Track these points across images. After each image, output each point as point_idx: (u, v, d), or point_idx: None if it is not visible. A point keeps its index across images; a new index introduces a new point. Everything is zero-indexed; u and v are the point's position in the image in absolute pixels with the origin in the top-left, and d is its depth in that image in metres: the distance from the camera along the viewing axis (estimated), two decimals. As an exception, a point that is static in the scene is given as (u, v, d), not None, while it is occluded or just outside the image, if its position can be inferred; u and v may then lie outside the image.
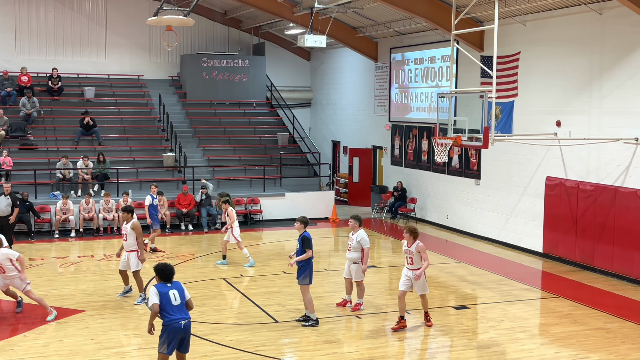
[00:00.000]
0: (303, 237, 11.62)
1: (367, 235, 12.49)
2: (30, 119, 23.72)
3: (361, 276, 12.58)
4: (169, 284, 8.57)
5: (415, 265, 11.55)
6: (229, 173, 23.98)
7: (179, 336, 8.43)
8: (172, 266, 8.77)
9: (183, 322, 8.44)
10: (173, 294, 8.46)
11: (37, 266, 16.06)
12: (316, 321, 11.73)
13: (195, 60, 27.57)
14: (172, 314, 8.38)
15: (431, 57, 22.14)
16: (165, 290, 8.46)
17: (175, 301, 8.45)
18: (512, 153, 18.40)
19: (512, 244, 18.70)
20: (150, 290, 8.51)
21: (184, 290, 8.64)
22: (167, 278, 8.60)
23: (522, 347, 10.92)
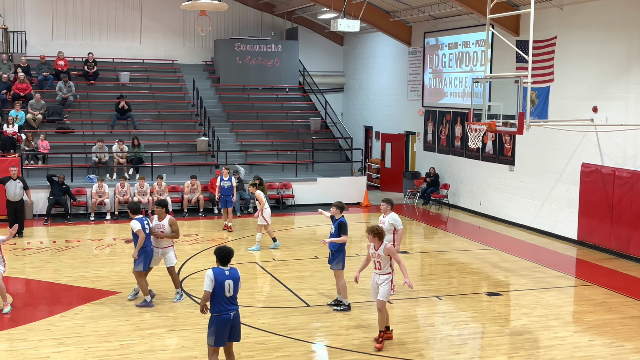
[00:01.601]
0: (340, 222, 11.62)
1: (399, 217, 12.44)
2: (67, 103, 24.06)
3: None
4: (227, 272, 8.31)
5: (384, 270, 10.08)
6: (262, 158, 24.08)
7: (227, 327, 8.31)
8: (230, 249, 8.50)
9: (232, 313, 8.31)
10: (228, 285, 8.24)
11: (74, 248, 16.33)
12: (348, 306, 11.76)
13: (229, 45, 27.65)
14: (222, 306, 8.23)
15: (465, 41, 21.92)
16: (221, 279, 8.22)
17: (228, 293, 8.27)
18: (548, 139, 18.17)
19: (546, 230, 18.52)
20: (207, 273, 8.26)
21: (239, 281, 8.42)
22: (224, 260, 8.36)
23: (555, 335, 10.84)
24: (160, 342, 10.26)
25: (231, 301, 8.31)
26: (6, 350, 9.84)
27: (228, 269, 8.37)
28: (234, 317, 8.35)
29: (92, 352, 9.81)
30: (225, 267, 8.36)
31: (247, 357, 9.68)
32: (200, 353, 9.80)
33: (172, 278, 12.38)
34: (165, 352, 9.84)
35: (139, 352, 9.82)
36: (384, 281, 10.07)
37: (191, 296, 12.50)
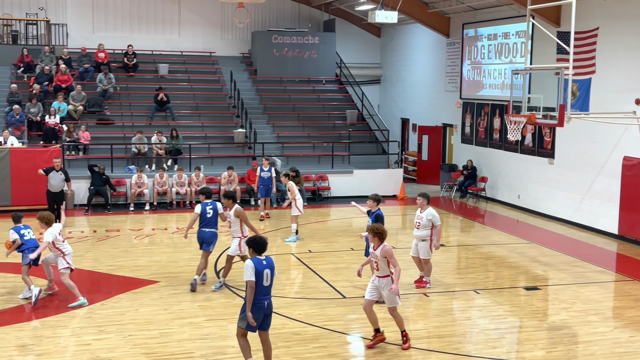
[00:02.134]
0: (377, 215, 11.61)
1: (437, 213, 12.37)
2: (107, 95, 24.40)
3: (429, 254, 12.51)
4: (264, 261, 8.38)
5: (382, 272, 9.60)
6: (298, 150, 24.14)
7: (261, 314, 8.42)
8: (265, 238, 8.61)
9: (266, 302, 8.41)
10: (266, 275, 8.33)
11: (114, 237, 16.59)
12: None
13: (266, 37, 27.73)
14: (259, 294, 8.30)
15: (505, 32, 21.66)
16: (261, 268, 8.28)
17: (267, 282, 8.35)
18: (588, 132, 17.89)
19: (586, 225, 18.25)
20: (246, 263, 8.33)
21: (274, 270, 8.48)
22: (259, 249, 8.41)
23: (594, 330, 10.70)
24: (198, 331, 10.38)
25: (268, 290, 8.41)
26: (49, 337, 10.06)
27: (264, 258, 8.43)
28: (268, 305, 8.46)
29: (131, 339, 9.97)
30: (262, 257, 8.43)
31: (284, 347, 9.74)
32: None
33: (225, 266, 12.61)
34: (204, 341, 9.96)
35: (178, 341, 9.95)
36: (385, 285, 9.58)
37: (229, 287, 12.61)
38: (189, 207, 20.47)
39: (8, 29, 26.27)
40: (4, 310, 11.24)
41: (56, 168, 17.77)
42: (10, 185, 19.17)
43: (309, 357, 9.46)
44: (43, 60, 24.63)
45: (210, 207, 12.57)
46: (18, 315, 11.05)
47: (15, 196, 19.15)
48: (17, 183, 19.03)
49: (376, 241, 9.58)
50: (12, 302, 11.67)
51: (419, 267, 12.87)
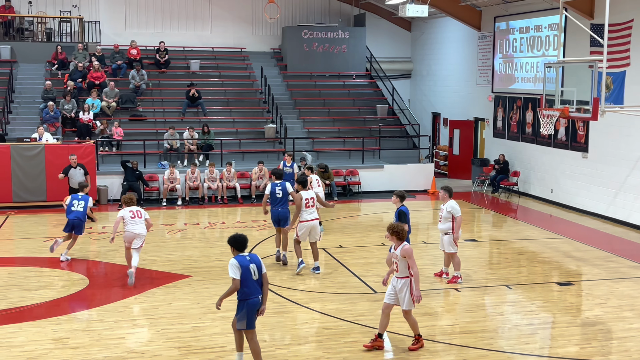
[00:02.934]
0: (400, 211, 11.59)
1: (457, 205, 12.36)
2: (139, 91, 24.65)
3: (453, 248, 12.47)
4: (248, 257, 8.48)
5: (401, 273, 9.38)
6: (328, 144, 24.15)
7: (256, 309, 8.48)
8: (244, 235, 8.62)
9: (260, 296, 8.50)
10: (253, 269, 8.41)
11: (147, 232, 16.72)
12: None
13: (296, 32, 27.76)
14: (250, 290, 8.39)
15: (537, 25, 21.40)
16: (246, 264, 8.39)
17: (254, 276, 8.43)
18: (623, 125, 17.62)
19: (620, 219, 18.00)
20: (230, 262, 8.42)
21: (261, 264, 8.56)
22: (240, 247, 8.52)
23: (629, 326, 10.56)
24: (230, 325, 10.43)
25: (258, 285, 8.47)
26: (83, 330, 10.22)
27: (248, 254, 8.53)
28: (261, 300, 8.55)
29: (164, 333, 10.09)
30: (245, 254, 8.52)
31: (316, 342, 9.78)
32: (270, 337, 9.97)
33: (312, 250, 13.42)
34: (235, 335, 10.02)
35: (210, 335, 10.05)
36: (402, 286, 9.36)
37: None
38: (220, 202, 20.62)
39: (42, 26, 26.68)
40: (41, 304, 11.45)
41: (73, 165, 17.92)
42: (46, 181, 19.48)
43: (340, 351, 9.48)
44: (76, 57, 24.96)
45: (280, 187, 13.57)
46: (54, 309, 11.24)
47: (50, 192, 19.46)
48: (52, 179, 19.32)
49: (395, 240, 9.41)
50: (48, 296, 11.87)
51: (446, 260, 12.87)
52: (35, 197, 19.54)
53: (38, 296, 11.84)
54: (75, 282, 12.75)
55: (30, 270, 13.44)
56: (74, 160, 17.98)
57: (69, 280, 12.89)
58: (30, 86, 24.34)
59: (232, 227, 17.57)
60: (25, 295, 11.89)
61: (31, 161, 19.46)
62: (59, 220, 17.96)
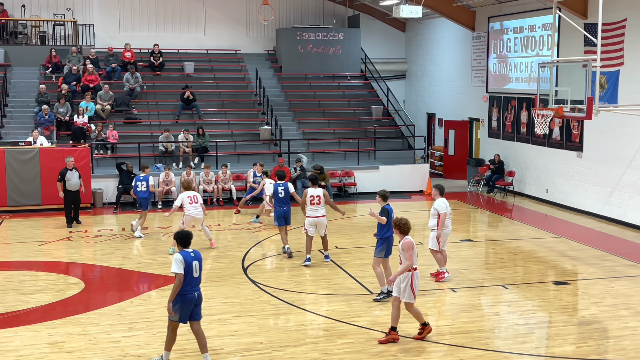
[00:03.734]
0: (383, 209, 11.64)
1: (443, 203, 12.52)
2: (134, 94, 24.62)
3: (435, 245, 12.62)
4: (192, 253, 8.75)
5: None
6: (324, 146, 24.15)
7: (192, 305, 8.75)
8: (189, 232, 8.94)
9: (196, 293, 8.77)
10: (195, 266, 8.69)
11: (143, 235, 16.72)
12: (387, 294, 11.53)
13: (291, 34, 27.77)
14: (189, 286, 8.64)
15: (531, 25, 21.45)
16: (190, 260, 8.66)
17: (196, 273, 8.71)
18: (617, 124, 17.66)
19: (615, 218, 18.03)
20: (175, 256, 8.67)
21: (202, 262, 8.88)
22: (184, 242, 8.78)
23: (625, 325, 10.58)
24: (226, 327, 10.45)
25: (197, 281, 8.78)
26: (79, 334, 10.19)
27: (192, 250, 8.79)
28: (198, 296, 8.83)
29: (160, 336, 10.05)
30: (189, 250, 8.78)
31: (312, 344, 9.77)
32: (266, 339, 9.96)
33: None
34: (232, 338, 10.03)
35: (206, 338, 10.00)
36: (404, 279, 9.65)
37: (256, 283, 12.68)
38: (216, 205, 20.60)
39: (36, 30, 26.64)
40: (36, 308, 11.42)
41: (69, 167, 17.84)
42: (40, 185, 19.43)
43: (336, 353, 9.48)
44: (71, 60, 24.92)
45: (282, 187, 14.54)
46: (49, 312, 11.21)
47: (45, 195, 19.41)
48: (46, 182, 19.27)
49: (398, 234, 9.92)
50: (43, 300, 11.84)
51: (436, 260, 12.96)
52: (30, 201, 19.49)
53: (33, 300, 11.81)
54: (71, 285, 12.73)
55: (25, 274, 13.40)
56: (70, 162, 17.95)
57: (65, 284, 12.86)
58: (24, 90, 24.29)
59: (228, 229, 17.56)
60: (21, 299, 11.85)
61: (26, 165, 19.41)
62: (55, 224, 17.95)
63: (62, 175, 17.68)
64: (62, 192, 17.63)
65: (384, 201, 11.86)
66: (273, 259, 14.67)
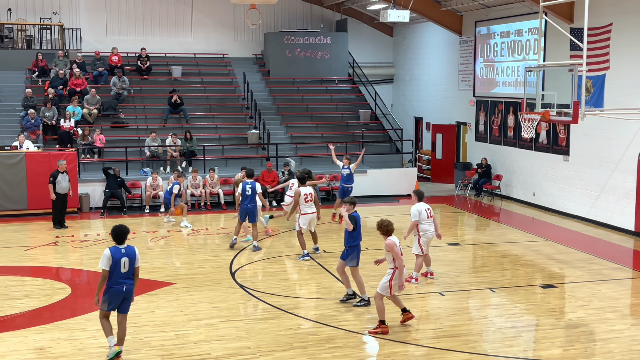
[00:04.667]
0: (350, 216, 11.47)
1: (417, 209, 12.64)
2: (121, 98, 24.52)
3: (417, 249, 12.74)
4: (123, 250, 9.13)
5: (389, 264, 10.32)
6: (312, 150, 24.15)
7: (120, 297, 9.14)
8: (125, 228, 9.27)
9: (125, 287, 9.13)
10: (123, 263, 9.08)
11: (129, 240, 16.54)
12: (368, 301, 11.52)
13: (278, 38, 27.77)
14: (116, 280, 9.08)
15: (518, 30, 21.56)
16: (117, 257, 9.05)
17: (124, 269, 9.11)
18: (603, 128, 17.78)
19: (602, 222, 18.14)
20: (104, 252, 9.05)
21: (135, 258, 9.21)
22: (119, 239, 9.16)
23: (612, 328, 10.64)
24: (214, 332, 10.42)
25: (126, 276, 9.14)
26: (66, 339, 10.13)
27: (125, 247, 9.17)
28: (127, 290, 9.18)
29: (148, 341, 10.03)
30: (122, 246, 9.17)
31: (300, 348, 9.76)
32: (254, 343, 9.93)
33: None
34: (220, 342, 9.99)
35: (194, 342, 9.99)
36: (387, 274, 10.24)
37: (244, 287, 12.66)
38: (204, 209, 20.55)
39: (22, 33, 26.48)
40: (22, 314, 11.34)
41: (60, 170, 17.81)
42: (27, 189, 19.31)
43: (324, 357, 9.47)
44: (57, 64, 24.80)
45: (250, 186, 15.20)
46: (36, 318, 11.14)
47: (32, 200, 19.29)
48: (33, 187, 19.17)
49: (382, 235, 10.34)
50: (29, 305, 11.76)
51: (426, 260, 13.08)
52: (16, 206, 19.35)
53: (19, 305, 11.72)
54: (57, 290, 12.65)
55: (11, 280, 13.31)
56: (63, 165, 17.91)
57: (51, 288, 12.78)
58: (10, 94, 24.13)
59: (216, 233, 17.52)
60: (7, 304, 11.76)
61: (12, 169, 19.29)
62: (42, 229, 17.85)
63: (53, 177, 17.71)
64: (53, 194, 17.63)
65: (352, 207, 11.65)
66: (261, 263, 14.64)
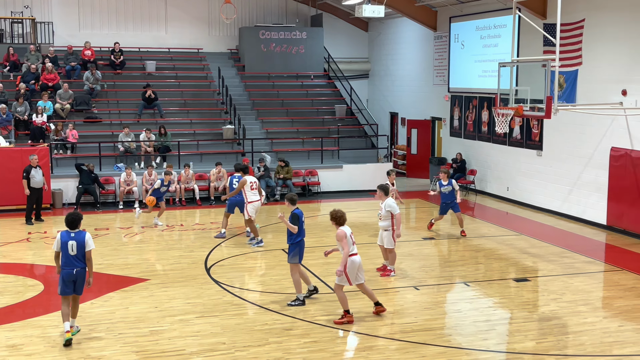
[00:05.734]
0: (293, 214, 11.34)
1: (394, 203, 12.76)
2: (94, 93, 24.27)
3: (392, 244, 12.82)
4: (73, 234, 9.74)
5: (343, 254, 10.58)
6: (287, 145, 24.12)
7: (71, 280, 9.70)
8: (78, 215, 9.88)
9: (75, 270, 9.69)
10: (71, 245, 9.69)
11: (103, 236, 16.52)
12: (302, 301, 11.43)
13: (253, 33, 27.67)
14: (66, 262, 9.71)
15: (492, 25, 21.68)
16: (65, 240, 9.71)
17: (72, 251, 9.69)
18: (576, 123, 17.96)
19: (574, 216, 18.34)
20: (56, 236, 9.81)
21: (84, 242, 9.74)
22: (70, 225, 9.78)
23: (584, 320, 10.76)
24: (189, 328, 10.37)
25: (75, 259, 9.72)
26: (39, 336, 10.02)
27: (75, 231, 9.78)
28: (77, 273, 9.71)
29: (122, 338, 9.95)
30: (72, 230, 9.77)
31: (275, 343, 9.75)
32: (229, 339, 9.90)
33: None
34: (194, 338, 9.95)
35: (168, 339, 9.94)
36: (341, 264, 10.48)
37: (219, 283, 12.61)
38: (179, 204, 20.44)
39: (-7, 27, 26.12)
40: (-6, 311, 11.20)
41: (33, 165, 17.69)
42: (-2, 185, 19.07)
43: (300, 352, 9.46)
44: (29, 58, 24.49)
45: (236, 179, 15.83)
46: (8, 315, 11.00)
47: (3, 195, 19.03)
48: (4, 182, 18.90)
49: (334, 225, 10.69)
50: (1, 302, 11.62)
51: (384, 255, 13.22)
52: (-13, 202, 19.10)
53: (-9, 303, 11.58)
54: (30, 287, 12.50)
55: (-18, 277, 13.13)
56: (34, 160, 17.74)
57: (23, 285, 12.63)
58: (-19, 88, 23.79)
59: (191, 229, 17.43)
60: (-22, 302, 11.61)
61: (-17, 165, 19.02)
62: (14, 225, 17.62)
63: (26, 172, 17.62)
64: (27, 190, 17.52)
65: (293, 205, 11.45)
66: (236, 259, 14.60)
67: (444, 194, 16.73)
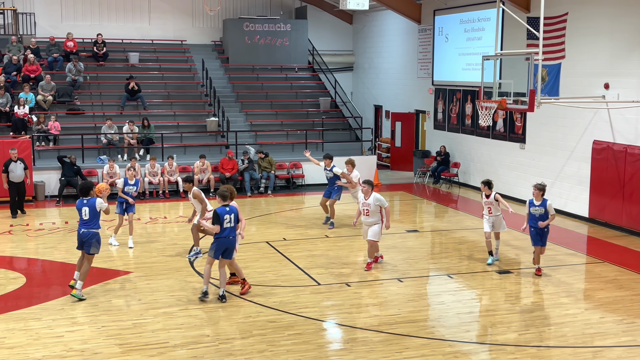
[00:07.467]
0: (214, 211, 11.09)
1: (382, 196, 12.77)
2: (77, 85, 24.09)
3: (379, 236, 12.83)
4: (85, 201, 11.11)
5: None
6: (271, 138, 24.08)
7: (80, 240, 11.19)
8: (90, 183, 11.50)
9: (82, 230, 11.14)
10: (84, 211, 11.11)
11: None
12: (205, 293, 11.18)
13: (238, 24, 27.55)
14: (80, 224, 11.18)
15: (476, 18, 21.73)
16: (79, 206, 11.17)
17: (85, 216, 11.12)
18: (559, 116, 18.07)
19: (557, 208, 18.25)
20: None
21: (94, 207, 11.10)
22: (83, 193, 11.17)
23: (566, 312, 10.86)
24: (172, 320, 10.35)
25: (84, 222, 11.16)
26: (21, 329, 9.96)
27: (88, 198, 11.13)
28: (83, 234, 11.14)
29: (105, 330, 9.91)
30: (86, 197, 11.14)
31: (259, 335, 9.75)
32: (213, 331, 9.90)
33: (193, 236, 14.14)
34: (178, 331, 9.93)
35: (152, 331, 9.91)
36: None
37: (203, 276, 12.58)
38: (162, 197, 20.35)
39: (-26, 18, 25.83)
40: (-25, 304, 11.11)
41: (13, 159, 17.57)
42: (-21, 178, 18.85)
43: (284, 344, 9.48)
44: (10, 50, 24.25)
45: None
46: (-11, 308, 10.93)
47: (-15, 188, 18.84)
48: (-14, 175, 18.71)
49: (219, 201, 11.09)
50: (-18, 295, 11.55)
51: (370, 251, 13.03)
52: (-32, 194, 18.90)
53: (-28, 296, 11.49)
54: (12, 280, 12.41)
55: (-37, 270, 13.02)
56: (14, 154, 17.59)
57: (5, 278, 12.53)
58: (-39, 80, 23.53)
59: (175, 222, 17.37)
60: (-41, 295, 11.52)
61: (-37, 157, 18.81)
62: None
63: (5, 166, 17.52)
64: (6, 184, 17.43)
65: (224, 201, 11.02)
66: (220, 251, 14.55)
67: (533, 215, 12.70)
